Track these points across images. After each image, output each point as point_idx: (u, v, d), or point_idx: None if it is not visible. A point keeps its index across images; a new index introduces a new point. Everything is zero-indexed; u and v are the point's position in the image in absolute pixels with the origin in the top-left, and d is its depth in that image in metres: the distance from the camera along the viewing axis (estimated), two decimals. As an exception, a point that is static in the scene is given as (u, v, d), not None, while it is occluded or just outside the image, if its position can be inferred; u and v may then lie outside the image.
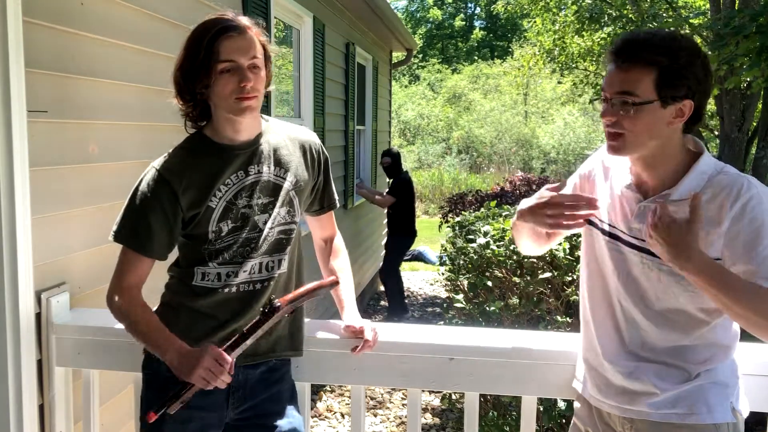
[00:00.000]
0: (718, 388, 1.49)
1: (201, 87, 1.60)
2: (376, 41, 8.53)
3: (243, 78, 1.58)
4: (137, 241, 1.65)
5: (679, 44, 1.40)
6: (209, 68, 1.57)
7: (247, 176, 1.68)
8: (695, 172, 1.45)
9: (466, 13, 36.00)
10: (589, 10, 9.58)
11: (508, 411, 3.42)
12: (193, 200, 1.64)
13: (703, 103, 1.44)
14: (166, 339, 1.61)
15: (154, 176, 1.64)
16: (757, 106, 7.47)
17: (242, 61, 1.59)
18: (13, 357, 1.85)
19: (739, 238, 1.38)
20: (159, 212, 1.63)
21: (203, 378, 1.53)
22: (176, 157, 1.68)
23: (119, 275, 1.67)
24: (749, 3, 6.40)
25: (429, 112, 24.50)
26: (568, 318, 3.12)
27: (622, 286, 1.54)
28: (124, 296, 1.66)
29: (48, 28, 2.00)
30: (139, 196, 1.64)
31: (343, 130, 6.67)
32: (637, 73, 1.39)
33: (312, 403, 4.71)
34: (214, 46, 1.57)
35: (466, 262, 3.50)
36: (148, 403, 1.71)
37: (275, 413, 1.77)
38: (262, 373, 1.75)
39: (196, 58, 1.58)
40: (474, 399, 1.90)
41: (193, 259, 1.69)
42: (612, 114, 1.42)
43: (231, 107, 1.61)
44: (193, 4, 3.09)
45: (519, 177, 10.74)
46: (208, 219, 1.65)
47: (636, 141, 1.43)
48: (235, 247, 1.67)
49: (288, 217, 1.73)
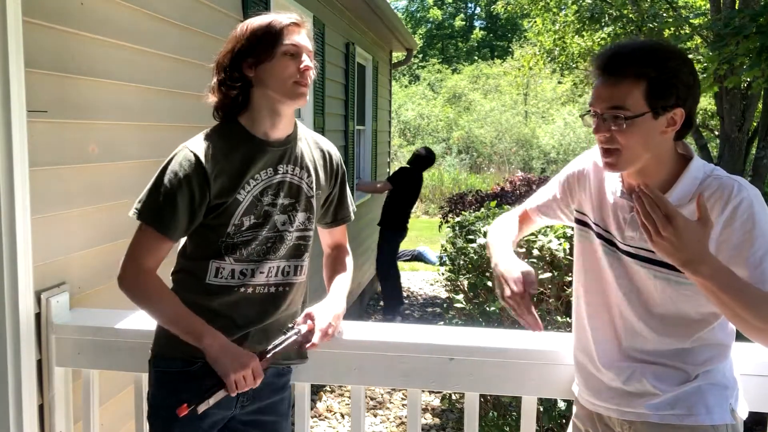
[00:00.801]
0: (717, 390, 1.49)
1: (255, 64, 1.59)
2: (376, 41, 8.53)
3: (305, 63, 1.60)
4: (161, 221, 1.57)
5: (665, 54, 1.39)
6: (273, 48, 1.58)
7: (276, 174, 1.66)
8: (687, 177, 1.44)
9: (466, 13, 36.00)
10: (589, 10, 9.58)
11: (508, 411, 3.42)
12: (222, 188, 1.59)
13: (693, 110, 1.43)
14: (203, 324, 1.57)
15: (187, 156, 1.58)
16: (757, 106, 7.48)
17: (303, 47, 1.61)
18: (13, 357, 1.85)
19: (730, 242, 1.37)
20: (187, 194, 1.57)
21: (236, 383, 1.52)
22: (211, 140, 1.62)
23: (138, 256, 1.59)
24: (749, 3, 6.40)
25: (429, 112, 24.49)
26: (568, 318, 3.12)
27: (620, 292, 1.53)
28: (147, 278, 1.59)
29: (48, 28, 2.00)
30: (169, 175, 1.57)
31: (343, 130, 6.68)
32: (626, 86, 1.38)
33: (312, 403, 4.71)
34: (280, 31, 1.59)
35: (466, 262, 3.50)
36: (156, 401, 1.69)
37: (271, 427, 1.78)
38: (270, 375, 1.74)
39: (258, 39, 1.59)
40: (474, 399, 1.90)
41: (209, 252, 1.63)
42: (605, 130, 1.41)
43: (288, 91, 1.60)
44: (193, 4, 3.09)
45: (519, 177, 10.74)
46: (233, 211, 1.61)
47: (632, 156, 1.41)
48: (253, 244, 1.64)
49: (307, 223, 1.72)
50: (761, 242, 1.35)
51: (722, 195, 1.39)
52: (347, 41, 6.71)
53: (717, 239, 1.37)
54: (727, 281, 1.30)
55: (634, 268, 1.50)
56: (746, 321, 1.31)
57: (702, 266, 1.29)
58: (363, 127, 8.18)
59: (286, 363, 1.78)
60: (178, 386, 1.64)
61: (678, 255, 1.29)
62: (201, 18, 3.11)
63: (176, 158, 1.60)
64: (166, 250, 1.62)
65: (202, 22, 3.08)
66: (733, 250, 1.36)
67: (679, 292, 1.45)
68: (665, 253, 1.31)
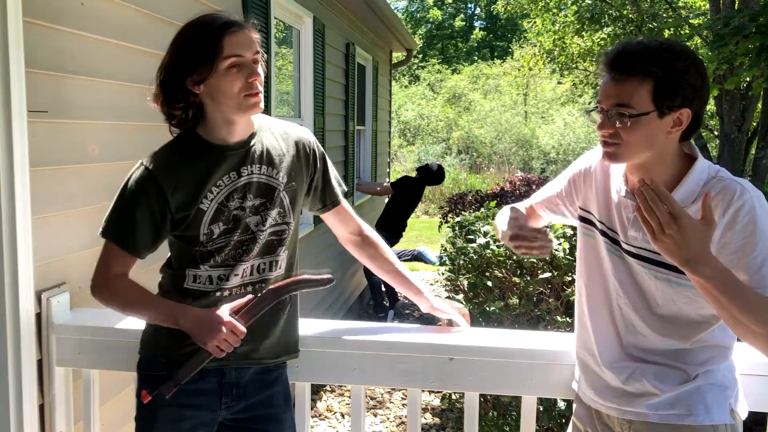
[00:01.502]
0: (717, 390, 1.49)
1: (198, 85, 1.54)
2: (376, 41, 8.53)
3: (251, 73, 1.53)
4: (121, 236, 1.62)
5: (674, 53, 1.39)
6: (212, 64, 1.50)
7: (240, 177, 1.63)
8: (692, 177, 1.43)
9: (466, 13, 36.00)
10: (589, 10, 9.58)
11: (508, 411, 3.42)
12: (182, 201, 1.60)
13: (700, 111, 1.42)
14: (174, 306, 1.62)
15: (142, 173, 1.60)
16: (757, 106, 7.48)
17: (248, 56, 1.53)
18: (13, 357, 1.85)
19: (731, 246, 1.36)
20: (146, 209, 1.59)
21: (218, 348, 1.56)
22: (167, 155, 1.63)
23: (105, 268, 1.65)
24: (749, 3, 6.40)
25: (429, 113, 24.49)
26: (568, 318, 3.12)
27: (621, 291, 1.53)
28: (115, 282, 1.64)
29: (48, 28, 2.00)
30: (127, 192, 1.61)
31: (343, 130, 6.68)
32: (632, 85, 1.38)
33: (312, 403, 4.71)
34: (217, 41, 1.50)
35: (466, 262, 3.50)
36: (140, 401, 1.70)
37: (269, 418, 1.76)
38: (255, 373, 1.74)
39: (194, 53, 1.50)
40: (474, 399, 1.90)
41: (185, 261, 1.65)
42: (609, 126, 1.41)
43: (239, 105, 1.55)
44: (193, 4, 3.09)
45: (519, 177, 10.74)
46: (199, 221, 1.61)
47: (631, 150, 1.42)
48: (227, 249, 1.64)
49: (279, 218, 1.69)
50: (762, 246, 1.34)
51: (725, 197, 1.38)
52: (347, 41, 6.72)
53: (718, 242, 1.37)
54: (727, 284, 1.28)
55: (636, 268, 1.50)
56: (745, 325, 1.30)
57: (703, 267, 1.28)
58: (363, 128, 8.19)
59: (270, 361, 1.76)
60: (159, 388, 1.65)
61: (680, 254, 1.27)
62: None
63: (133, 176, 1.62)
64: (133, 261, 1.66)
65: (202, 23, 3.07)
66: (734, 254, 1.36)
67: (680, 293, 1.45)
68: (667, 251, 1.29)
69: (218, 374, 1.70)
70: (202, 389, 1.69)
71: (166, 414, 1.67)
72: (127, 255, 1.64)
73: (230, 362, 1.68)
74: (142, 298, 1.65)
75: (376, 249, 1.89)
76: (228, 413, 1.73)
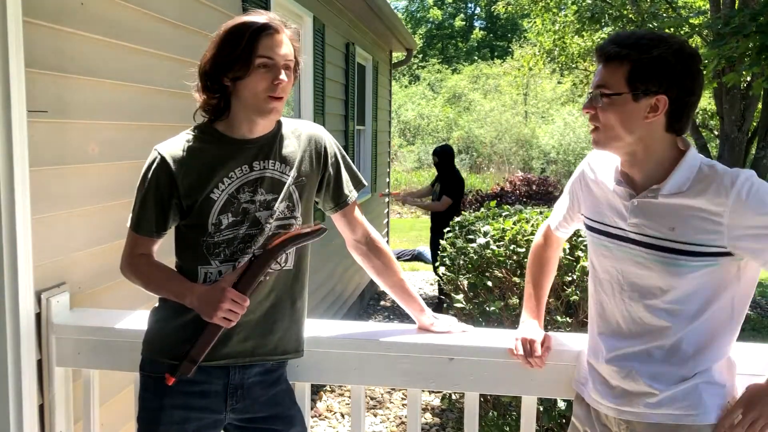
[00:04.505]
0: (715, 389, 1.49)
1: (232, 79, 1.61)
2: (376, 41, 8.53)
3: (277, 75, 1.60)
4: (140, 225, 1.70)
5: (655, 40, 1.43)
6: (248, 61, 1.58)
7: (252, 171, 1.68)
8: (684, 165, 1.46)
9: (466, 13, 36.01)
10: (589, 10, 9.58)
11: (508, 411, 3.42)
12: (191, 186, 1.65)
13: (682, 101, 1.44)
14: (183, 285, 1.66)
15: (154, 157, 1.67)
16: (757, 106, 7.49)
17: (278, 59, 1.61)
18: (13, 357, 1.85)
19: (753, 231, 1.38)
20: (154, 191, 1.66)
21: (225, 318, 1.58)
22: (179, 141, 1.69)
23: (127, 250, 1.73)
24: (749, 3, 6.40)
25: (429, 112, 24.51)
26: (568, 318, 3.12)
27: (625, 282, 1.54)
28: (138, 260, 1.72)
29: (48, 28, 2.00)
30: (141, 177, 1.69)
31: (343, 130, 6.68)
32: (612, 67, 1.45)
33: (312, 403, 4.71)
34: (254, 40, 1.59)
35: (466, 262, 3.50)
36: (145, 403, 1.72)
37: (277, 417, 1.77)
38: (258, 373, 1.75)
39: (234, 49, 1.59)
40: (474, 399, 1.90)
41: (196, 257, 1.68)
42: (589, 107, 1.50)
43: (259, 105, 1.62)
44: (193, 4, 3.09)
45: (519, 177, 10.76)
46: (208, 210, 1.65)
47: (610, 134, 1.47)
48: (235, 242, 1.66)
49: (287, 212, 1.72)
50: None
51: (723, 181, 1.41)
52: (347, 41, 6.72)
53: (729, 228, 1.39)
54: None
55: (639, 258, 1.51)
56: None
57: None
58: (363, 127, 8.18)
59: (275, 358, 1.77)
60: (163, 390, 1.66)
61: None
62: (201, 18, 3.11)
63: (147, 161, 1.69)
64: (151, 242, 1.73)
65: (202, 22, 3.08)
66: (760, 238, 1.38)
67: (685, 275, 1.45)
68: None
69: (223, 375, 1.70)
70: (207, 391, 1.69)
71: (170, 416, 1.67)
72: (145, 239, 1.71)
73: (238, 359, 1.70)
74: (160, 276, 1.71)
75: (383, 262, 1.88)
76: (234, 415, 1.74)
